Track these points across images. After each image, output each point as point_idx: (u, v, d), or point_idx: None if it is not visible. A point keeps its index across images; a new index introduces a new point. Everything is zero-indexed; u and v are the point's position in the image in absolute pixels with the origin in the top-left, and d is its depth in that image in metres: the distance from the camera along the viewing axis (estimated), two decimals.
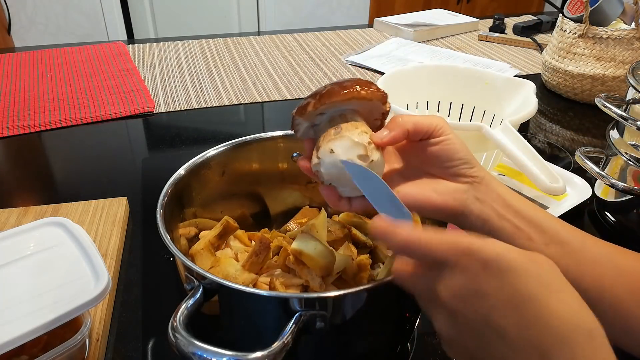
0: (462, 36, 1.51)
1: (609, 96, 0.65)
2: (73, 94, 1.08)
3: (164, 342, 0.44)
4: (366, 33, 1.52)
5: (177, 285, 0.47)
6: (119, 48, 1.34)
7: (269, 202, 0.61)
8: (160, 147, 0.91)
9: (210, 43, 1.40)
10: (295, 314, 0.39)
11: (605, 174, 0.65)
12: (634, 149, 0.63)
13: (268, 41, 1.43)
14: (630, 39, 0.98)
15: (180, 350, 0.36)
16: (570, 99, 1.09)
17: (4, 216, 0.68)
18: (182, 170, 0.52)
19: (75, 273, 0.46)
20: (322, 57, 1.32)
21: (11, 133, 0.93)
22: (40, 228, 0.51)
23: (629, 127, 0.64)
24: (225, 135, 0.95)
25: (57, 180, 0.84)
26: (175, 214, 0.50)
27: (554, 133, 0.97)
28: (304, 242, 0.46)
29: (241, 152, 0.57)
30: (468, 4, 2.96)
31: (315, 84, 1.15)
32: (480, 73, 0.78)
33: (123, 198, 0.71)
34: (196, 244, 0.51)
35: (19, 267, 0.47)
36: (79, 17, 2.55)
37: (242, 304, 0.43)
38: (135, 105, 1.02)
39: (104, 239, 0.64)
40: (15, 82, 1.14)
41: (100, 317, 0.53)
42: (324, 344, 0.44)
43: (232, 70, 1.22)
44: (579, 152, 0.68)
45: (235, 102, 1.06)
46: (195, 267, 0.41)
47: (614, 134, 0.67)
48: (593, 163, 0.66)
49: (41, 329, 0.41)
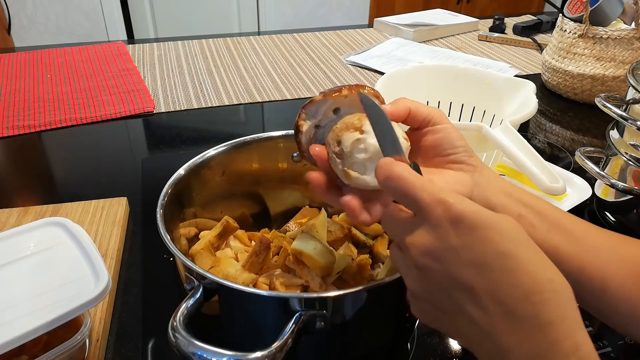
0: (462, 36, 1.51)
1: (609, 96, 0.65)
2: (73, 94, 1.08)
3: (164, 342, 0.44)
4: (366, 33, 1.52)
5: (177, 285, 0.47)
6: (119, 48, 1.34)
7: (269, 202, 0.61)
8: (160, 147, 0.91)
9: (210, 43, 1.40)
10: (295, 314, 0.39)
11: (605, 174, 0.65)
12: (634, 149, 0.63)
13: (268, 41, 1.43)
14: (630, 39, 0.98)
15: (180, 350, 0.36)
16: (570, 99, 1.09)
17: (4, 216, 0.68)
18: (182, 170, 0.52)
19: (75, 273, 0.46)
20: (322, 57, 1.32)
21: (11, 133, 0.93)
22: (40, 228, 0.51)
23: (629, 127, 0.64)
24: (225, 135, 0.95)
25: (57, 180, 0.84)
26: (175, 214, 0.50)
27: (554, 133, 0.97)
28: (304, 242, 0.46)
29: (241, 152, 0.57)
30: (468, 4, 2.96)
31: (315, 84, 1.15)
32: (480, 73, 0.78)
33: (123, 198, 0.71)
34: (196, 244, 0.51)
35: (19, 267, 0.47)
36: (79, 17, 2.55)
37: (242, 304, 0.43)
38: (135, 105, 1.02)
39: (104, 239, 0.64)
40: (15, 82, 1.14)
41: (100, 317, 0.53)
42: (324, 344, 0.44)
43: (232, 70, 1.22)
44: (579, 152, 0.68)
45: (235, 102, 1.06)
46: (195, 267, 0.41)
47: (614, 134, 0.67)
48: (593, 163, 0.66)
49: (41, 329, 0.41)
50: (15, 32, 2.46)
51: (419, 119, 0.42)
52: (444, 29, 1.49)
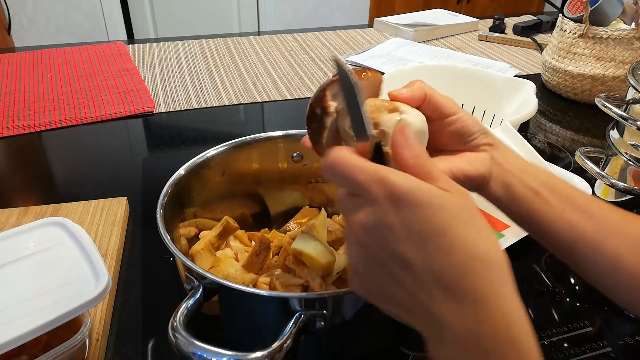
0: (462, 36, 1.51)
1: (609, 96, 0.65)
2: (73, 94, 1.08)
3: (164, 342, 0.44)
4: (366, 33, 1.52)
5: (177, 285, 0.48)
6: (119, 48, 1.34)
7: (269, 202, 0.61)
8: (160, 147, 0.91)
9: (210, 43, 1.40)
10: (295, 314, 0.39)
11: (605, 174, 0.65)
12: (634, 149, 0.63)
13: (268, 41, 1.43)
14: (630, 39, 0.98)
15: (180, 350, 0.36)
16: (570, 99, 1.09)
17: (4, 216, 0.68)
18: (182, 170, 0.52)
19: (75, 273, 0.46)
20: (322, 57, 1.32)
21: (11, 133, 0.93)
22: (40, 228, 0.51)
23: (629, 127, 0.64)
24: (225, 135, 0.95)
25: (57, 180, 0.84)
26: (175, 214, 0.50)
27: (554, 133, 0.97)
28: (304, 242, 0.46)
29: (241, 152, 0.57)
30: (468, 4, 2.96)
31: (315, 84, 1.15)
32: (480, 73, 0.78)
33: (123, 198, 0.71)
34: (196, 244, 0.51)
35: (19, 267, 0.47)
36: (79, 17, 2.55)
37: (242, 304, 0.43)
38: (135, 105, 1.02)
39: (104, 239, 0.64)
40: (15, 82, 1.14)
41: (100, 317, 0.53)
42: (324, 344, 0.44)
43: (232, 70, 1.22)
44: (579, 152, 0.68)
45: (235, 102, 1.06)
46: (195, 267, 0.41)
47: (614, 134, 0.67)
48: (593, 163, 0.66)
49: (41, 329, 0.41)
50: (15, 32, 2.46)
51: (434, 104, 0.42)
52: (444, 29, 1.49)
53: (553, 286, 0.59)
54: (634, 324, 0.54)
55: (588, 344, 0.51)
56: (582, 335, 0.52)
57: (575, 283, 0.60)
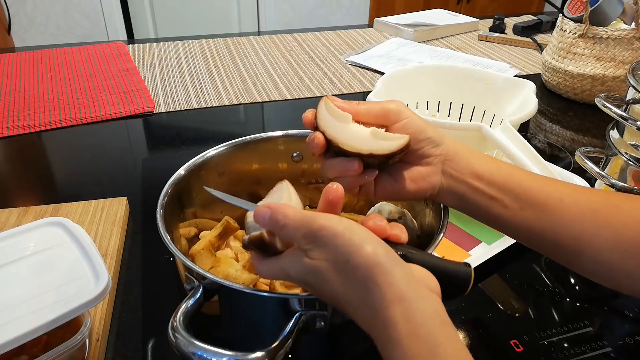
0: (462, 36, 1.51)
1: (609, 96, 0.65)
2: (73, 94, 1.08)
3: (164, 342, 0.44)
4: (366, 33, 1.52)
5: (177, 285, 0.48)
6: (119, 48, 1.35)
7: None
8: (160, 147, 0.91)
9: (210, 43, 1.40)
10: (295, 314, 0.39)
11: (605, 174, 0.65)
12: (634, 149, 0.63)
13: (268, 41, 1.43)
14: (630, 39, 0.98)
15: (180, 350, 0.36)
16: (570, 99, 1.09)
17: (4, 216, 0.68)
18: (182, 170, 0.52)
19: (75, 273, 0.46)
20: (322, 57, 1.32)
21: (11, 133, 0.93)
22: (40, 228, 0.51)
23: (629, 127, 0.64)
24: (225, 135, 0.95)
25: (57, 180, 0.84)
26: (175, 214, 0.50)
27: (554, 133, 0.97)
28: None
29: (241, 152, 0.57)
30: (468, 4, 2.96)
31: (315, 84, 1.15)
32: (480, 73, 0.78)
33: (123, 198, 0.71)
34: (196, 244, 0.51)
35: (19, 267, 0.47)
36: (79, 17, 2.55)
37: (242, 304, 0.43)
38: (135, 105, 1.02)
39: (104, 239, 0.64)
40: (15, 82, 1.14)
41: (100, 317, 0.53)
42: (324, 344, 0.44)
43: (232, 70, 1.22)
44: (579, 152, 0.68)
45: (235, 102, 1.06)
46: (195, 267, 0.41)
47: (614, 134, 0.67)
48: (593, 163, 0.66)
49: (41, 329, 0.41)
50: (15, 32, 2.46)
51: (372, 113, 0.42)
52: (444, 29, 1.49)
53: (553, 286, 0.59)
54: (634, 324, 0.55)
55: (588, 344, 0.51)
56: (582, 335, 0.52)
57: (575, 283, 0.60)
